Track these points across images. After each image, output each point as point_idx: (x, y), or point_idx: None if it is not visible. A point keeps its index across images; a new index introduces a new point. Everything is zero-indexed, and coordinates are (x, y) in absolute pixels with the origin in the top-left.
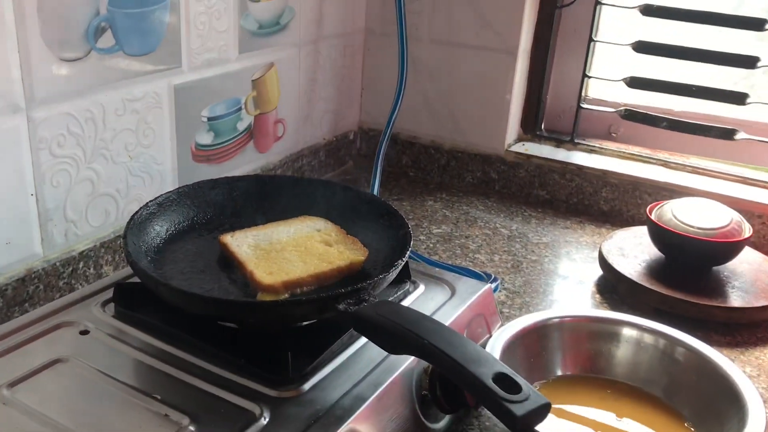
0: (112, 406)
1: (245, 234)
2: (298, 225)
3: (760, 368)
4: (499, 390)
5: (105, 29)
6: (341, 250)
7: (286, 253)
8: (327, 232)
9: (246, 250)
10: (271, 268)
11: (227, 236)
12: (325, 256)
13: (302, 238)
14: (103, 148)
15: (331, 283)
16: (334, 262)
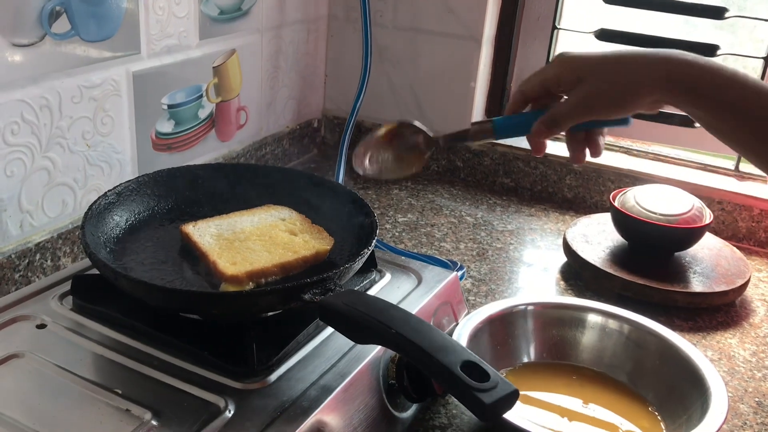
0: (71, 402)
1: (207, 224)
2: (262, 214)
3: (721, 352)
4: (467, 378)
5: (60, 14)
6: (306, 240)
7: (250, 242)
8: (292, 221)
9: (208, 240)
10: (235, 258)
11: (189, 226)
12: (290, 245)
13: (266, 228)
14: (59, 136)
15: (296, 273)
16: (299, 252)
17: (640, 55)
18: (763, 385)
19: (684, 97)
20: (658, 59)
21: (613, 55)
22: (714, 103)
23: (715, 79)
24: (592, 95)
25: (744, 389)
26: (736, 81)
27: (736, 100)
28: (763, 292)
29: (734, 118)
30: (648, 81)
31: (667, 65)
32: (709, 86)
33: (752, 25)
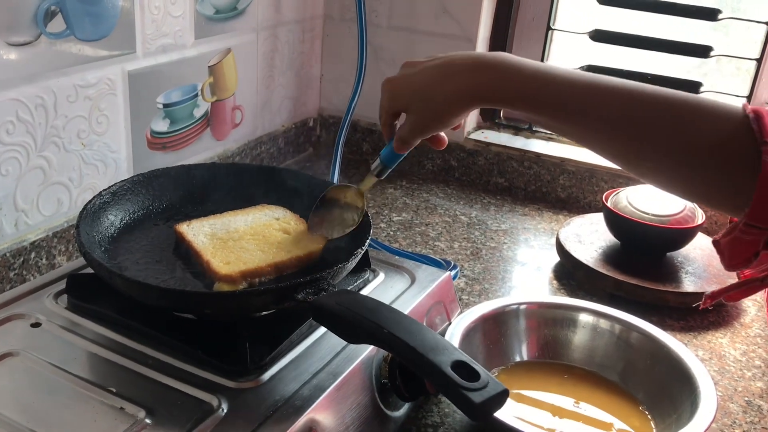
0: (66, 400)
1: (201, 223)
2: (257, 213)
3: (712, 351)
4: (457, 378)
5: (55, 13)
6: (299, 239)
7: (244, 242)
8: (286, 221)
9: (202, 239)
10: (229, 257)
11: (183, 225)
12: (284, 245)
13: (260, 227)
14: (54, 135)
15: (290, 273)
16: (293, 251)
17: (447, 76)
18: (753, 385)
19: (498, 105)
20: (464, 78)
21: (424, 83)
22: (524, 106)
23: (518, 84)
24: (420, 121)
25: (734, 388)
26: (543, 81)
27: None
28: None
29: (552, 117)
30: (456, 105)
31: (472, 81)
32: (513, 93)
33: (745, 27)
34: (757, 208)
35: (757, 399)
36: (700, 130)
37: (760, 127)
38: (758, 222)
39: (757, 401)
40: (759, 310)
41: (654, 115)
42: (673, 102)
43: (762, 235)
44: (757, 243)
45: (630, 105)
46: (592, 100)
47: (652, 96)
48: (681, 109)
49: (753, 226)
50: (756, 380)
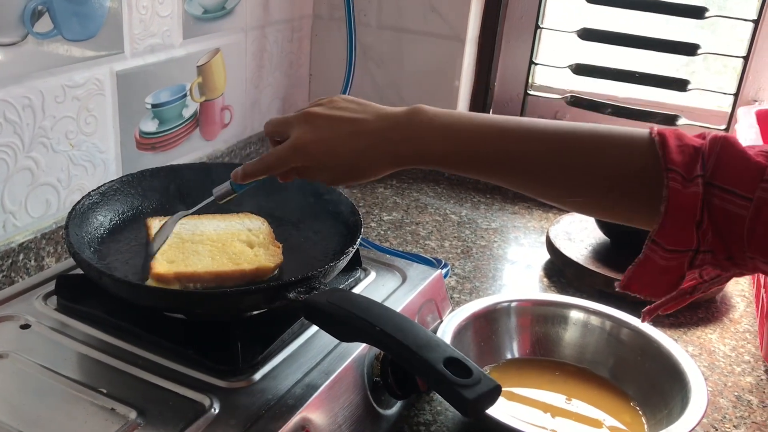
0: (56, 402)
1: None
2: (232, 221)
3: (702, 347)
4: (450, 374)
5: (42, 13)
6: (257, 254)
7: (201, 246)
8: (256, 233)
9: (158, 226)
10: (175, 257)
11: (155, 219)
12: (237, 257)
13: (226, 234)
14: (42, 136)
15: (233, 285)
16: (242, 264)
17: (369, 144)
18: (742, 380)
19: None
20: (385, 145)
21: (343, 147)
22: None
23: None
24: (335, 180)
25: (724, 383)
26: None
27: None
28: (743, 288)
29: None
30: (379, 167)
31: (392, 148)
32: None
33: (732, 25)
34: (669, 230)
35: (746, 394)
36: (611, 160)
37: (664, 152)
38: (676, 245)
39: (746, 396)
40: (748, 306)
41: (565, 154)
42: (582, 136)
43: (684, 257)
44: (681, 266)
45: (544, 150)
46: (508, 150)
47: (563, 134)
48: (590, 142)
49: (673, 251)
50: (745, 375)
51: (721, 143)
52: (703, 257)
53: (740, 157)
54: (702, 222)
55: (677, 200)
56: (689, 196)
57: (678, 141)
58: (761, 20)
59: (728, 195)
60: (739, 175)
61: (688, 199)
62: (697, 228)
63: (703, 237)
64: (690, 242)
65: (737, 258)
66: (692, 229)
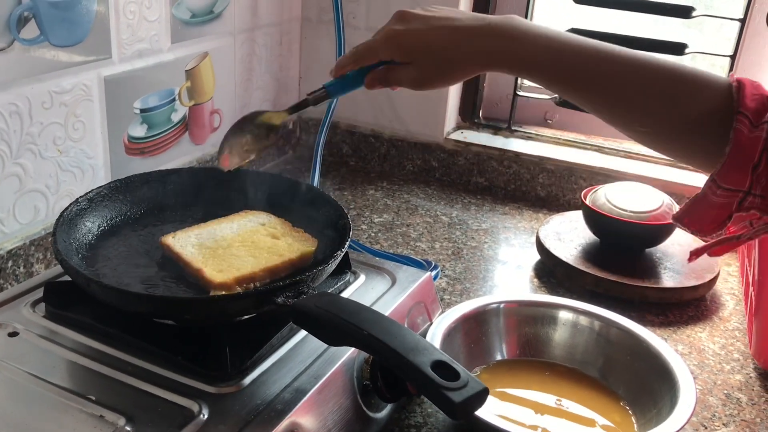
0: (45, 410)
1: (187, 234)
2: (241, 220)
3: (692, 346)
4: (437, 378)
5: (28, 19)
6: (290, 243)
7: (234, 249)
8: (272, 226)
9: (191, 250)
10: (221, 265)
11: (168, 237)
12: (275, 249)
13: (248, 233)
14: (30, 142)
15: (286, 276)
16: (285, 255)
17: (464, 38)
18: (732, 378)
19: (510, 71)
20: (481, 42)
21: (438, 38)
22: (537, 73)
23: (532, 52)
24: (423, 77)
25: (713, 382)
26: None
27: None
28: (732, 286)
29: (561, 85)
30: (474, 65)
31: (488, 46)
32: (527, 62)
33: (719, 24)
34: (728, 169)
35: (736, 392)
36: (692, 99)
37: (739, 96)
38: (730, 184)
39: (736, 394)
40: (737, 304)
41: (652, 85)
42: (670, 72)
43: (735, 197)
44: (730, 206)
45: (631, 75)
46: (598, 69)
47: (653, 66)
48: (676, 79)
49: (726, 189)
50: (735, 373)
51: None
52: (752, 200)
53: None
54: (759, 165)
55: (740, 142)
56: (753, 139)
57: (754, 90)
58: (748, 19)
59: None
60: None
61: (751, 142)
62: (753, 171)
63: (757, 180)
64: (743, 183)
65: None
66: (748, 171)
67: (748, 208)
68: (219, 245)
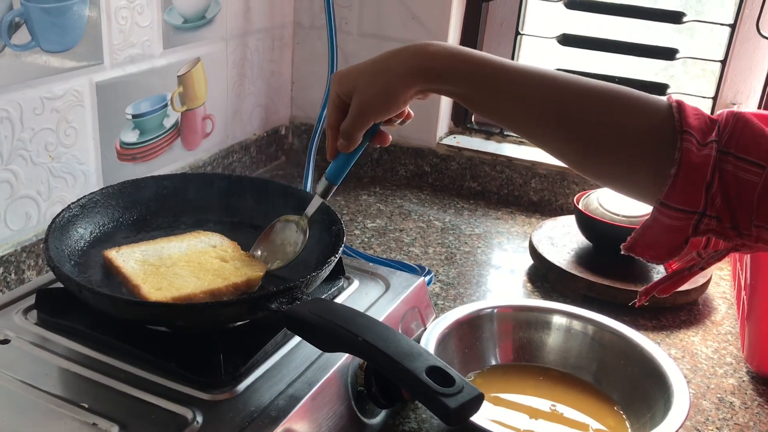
0: (37, 418)
1: (132, 249)
2: (192, 240)
3: (685, 350)
4: (432, 383)
5: (20, 24)
6: (237, 266)
7: (178, 268)
8: (223, 249)
9: (132, 265)
10: (161, 283)
11: (112, 251)
12: (221, 271)
13: (195, 254)
14: (21, 148)
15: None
16: (230, 279)
17: (392, 57)
18: (725, 382)
19: (437, 84)
20: (407, 56)
21: (371, 63)
22: (462, 82)
23: (458, 62)
24: (363, 103)
25: (706, 386)
26: (477, 61)
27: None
28: (724, 290)
29: (486, 93)
30: (402, 79)
31: (415, 60)
32: (451, 71)
33: (709, 29)
34: (679, 189)
35: (729, 396)
36: (630, 118)
37: (681, 116)
38: (683, 205)
39: (729, 398)
40: (729, 308)
41: (588, 104)
42: (605, 93)
43: (690, 219)
44: (686, 229)
45: (563, 98)
46: (533, 92)
47: (587, 87)
48: (613, 99)
49: (679, 210)
50: (728, 377)
51: (736, 117)
52: (709, 222)
53: (756, 128)
54: (712, 185)
55: (689, 159)
56: (702, 157)
57: (695, 110)
58: (738, 24)
59: (741, 162)
60: (754, 143)
61: (701, 160)
62: (706, 190)
63: (712, 201)
64: (697, 203)
65: (743, 227)
66: (701, 190)
67: (704, 232)
68: (163, 263)
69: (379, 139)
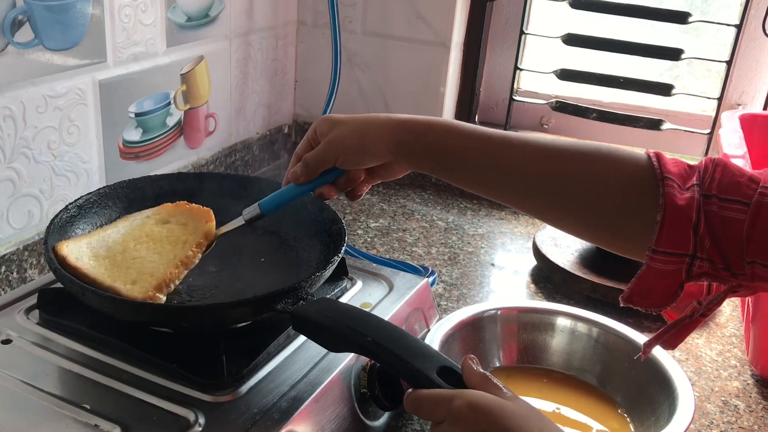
0: (38, 418)
1: (78, 244)
2: (123, 222)
3: (689, 352)
4: (444, 384)
5: (23, 22)
6: (183, 223)
7: (131, 251)
8: (156, 213)
9: (89, 262)
10: (130, 275)
11: (63, 246)
12: (173, 236)
13: (136, 230)
14: (24, 146)
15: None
16: (188, 240)
17: (379, 123)
18: (729, 384)
19: (406, 161)
20: (389, 129)
21: (361, 117)
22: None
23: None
24: (334, 141)
25: (711, 389)
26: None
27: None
28: None
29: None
30: (378, 144)
31: (395, 134)
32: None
33: (715, 30)
34: (667, 233)
35: (733, 399)
36: (611, 175)
37: (660, 164)
38: (672, 248)
39: (733, 401)
40: (734, 310)
41: (567, 168)
42: (583, 153)
43: (682, 263)
44: (680, 273)
45: (543, 161)
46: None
47: (564, 150)
48: (591, 158)
49: (669, 254)
50: (732, 380)
51: (715, 162)
52: (701, 265)
53: (735, 171)
54: (699, 226)
55: (673, 202)
56: (685, 199)
57: (673, 160)
58: (743, 25)
59: (725, 203)
60: (735, 184)
61: (685, 202)
62: (694, 232)
63: (701, 243)
64: (686, 246)
65: (735, 267)
66: (689, 231)
67: (698, 275)
68: (114, 251)
69: (326, 189)
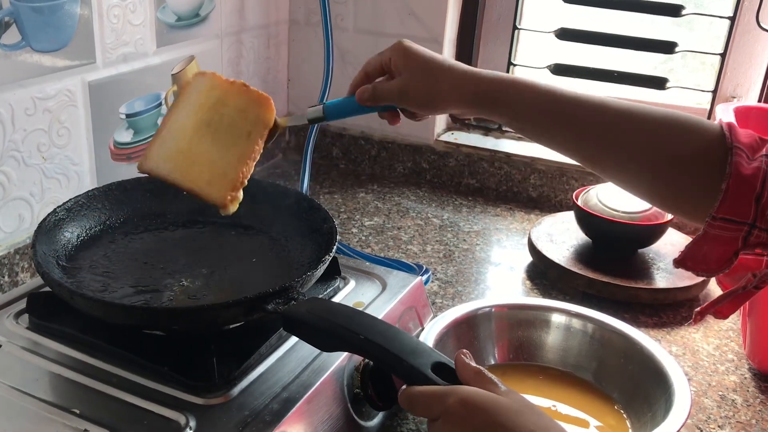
0: (28, 424)
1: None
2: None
3: (685, 347)
4: (438, 380)
5: (9, 24)
6: (242, 108)
7: (197, 144)
8: (211, 89)
9: (166, 166)
10: (203, 175)
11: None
12: (235, 125)
13: (196, 115)
14: (13, 149)
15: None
16: (252, 131)
17: (456, 73)
18: (727, 379)
19: (479, 112)
20: (467, 81)
21: (436, 64)
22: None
23: (512, 92)
24: (409, 88)
25: (708, 383)
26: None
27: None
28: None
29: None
30: (454, 96)
31: (475, 86)
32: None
33: (709, 22)
34: (730, 201)
35: (731, 393)
36: (683, 140)
37: (731, 133)
38: (733, 215)
39: (731, 395)
40: None
41: (641, 131)
42: (659, 116)
43: (740, 231)
44: (736, 241)
45: (618, 124)
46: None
47: (638, 113)
48: (667, 122)
49: (728, 220)
50: (729, 374)
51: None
52: (759, 234)
53: None
54: (762, 196)
55: (739, 172)
56: (752, 169)
57: (745, 131)
58: (737, 17)
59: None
60: None
61: (751, 172)
62: (756, 201)
63: (762, 213)
64: (747, 214)
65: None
66: (751, 201)
67: (754, 244)
68: (181, 144)
69: (392, 116)
